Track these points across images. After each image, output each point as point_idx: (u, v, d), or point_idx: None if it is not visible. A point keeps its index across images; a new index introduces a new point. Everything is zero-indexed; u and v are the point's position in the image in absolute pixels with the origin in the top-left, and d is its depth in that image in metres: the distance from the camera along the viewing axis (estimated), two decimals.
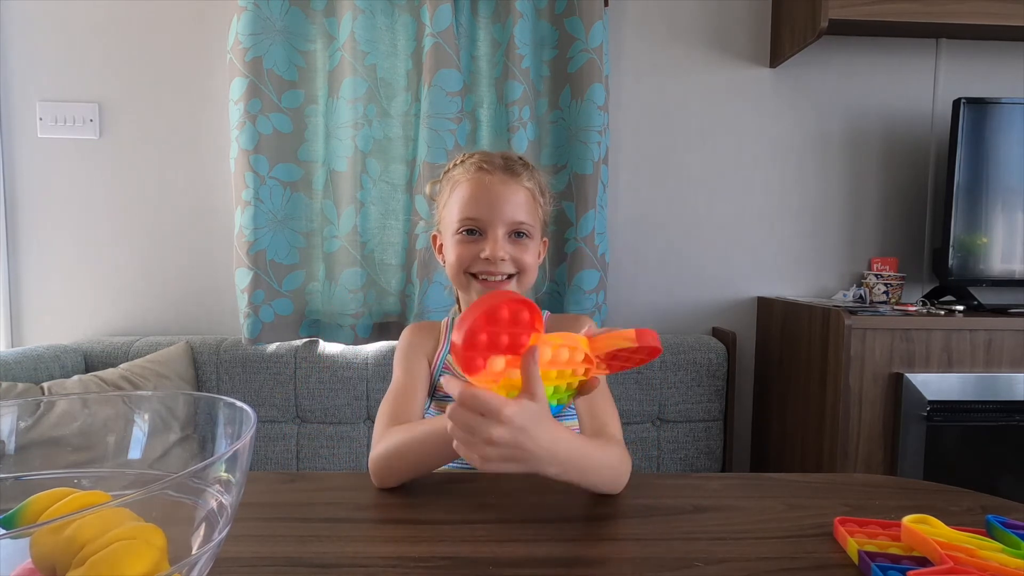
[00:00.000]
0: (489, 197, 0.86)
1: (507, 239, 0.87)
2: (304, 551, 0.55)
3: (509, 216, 0.86)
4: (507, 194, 0.86)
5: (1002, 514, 0.59)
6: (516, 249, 0.87)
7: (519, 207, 0.87)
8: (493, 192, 0.86)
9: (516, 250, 0.87)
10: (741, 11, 1.73)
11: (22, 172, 1.68)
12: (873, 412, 1.38)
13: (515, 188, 0.87)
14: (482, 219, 0.86)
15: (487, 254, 0.85)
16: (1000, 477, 1.41)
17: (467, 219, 0.86)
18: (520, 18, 1.56)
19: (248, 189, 1.54)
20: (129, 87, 1.68)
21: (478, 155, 0.91)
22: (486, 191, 0.86)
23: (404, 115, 1.62)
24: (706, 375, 1.58)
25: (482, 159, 0.89)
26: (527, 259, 0.87)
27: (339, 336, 1.60)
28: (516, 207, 0.86)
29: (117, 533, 0.37)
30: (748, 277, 1.78)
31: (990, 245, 1.57)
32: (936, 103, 1.74)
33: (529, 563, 0.53)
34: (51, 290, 1.71)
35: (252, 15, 1.51)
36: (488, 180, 0.87)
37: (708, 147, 1.76)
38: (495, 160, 0.89)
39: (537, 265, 0.91)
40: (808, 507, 0.66)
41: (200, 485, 0.43)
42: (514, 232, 0.87)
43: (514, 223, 0.86)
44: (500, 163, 0.89)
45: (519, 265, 0.87)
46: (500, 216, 0.86)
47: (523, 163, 0.91)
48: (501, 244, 0.85)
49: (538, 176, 0.92)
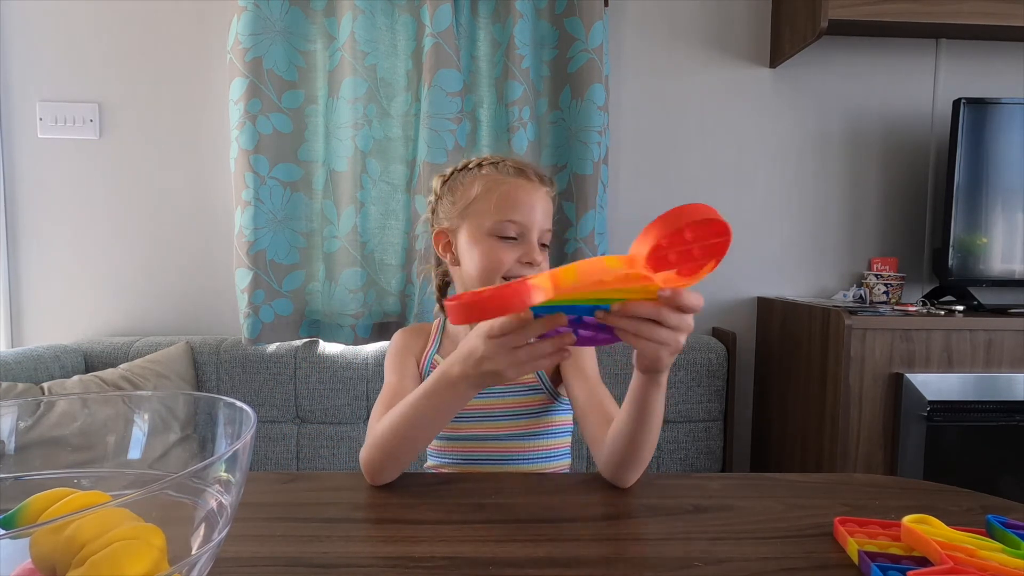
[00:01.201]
0: (531, 202, 0.86)
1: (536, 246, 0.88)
2: (304, 551, 0.55)
3: (542, 223, 0.87)
4: (543, 202, 0.88)
5: (1002, 514, 0.59)
6: (542, 255, 0.88)
7: (548, 216, 0.89)
8: (534, 197, 0.87)
9: (542, 256, 0.88)
10: (741, 11, 1.73)
11: (22, 172, 1.68)
12: (873, 412, 1.38)
13: (545, 196, 0.89)
14: (524, 223, 0.86)
15: (530, 258, 0.85)
16: (1000, 477, 1.41)
17: (510, 222, 0.85)
18: (520, 18, 1.56)
19: (248, 189, 1.54)
20: (129, 87, 1.68)
21: (510, 160, 0.91)
22: (528, 196, 0.87)
23: (404, 115, 1.62)
24: (706, 375, 1.58)
25: (517, 164, 0.90)
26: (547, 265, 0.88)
27: (339, 336, 1.60)
28: (547, 215, 0.88)
29: (117, 533, 0.37)
30: (748, 277, 1.78)
31: (990, 245, 1.57)
32: (936, 103, 1.74)
33: (529, 563, 0.53)
34: (51, 290, 1.71)
35: (252, 15, 1.51)
36: (529, 186, 0.88)
37: (708, 147, 1.76)
38: (528, 167, 0.91)
39: None
40: (808, 507, 0.66)
41: (200, 485, 0.43)
42: (541, 240, 0.88)
43: (544, 231, 0.88)
44: (532, 171, 0.90)
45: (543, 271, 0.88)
46: (537, 222, 0.87)
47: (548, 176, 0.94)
48: (537, 249, 0.86)
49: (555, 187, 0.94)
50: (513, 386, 0.91)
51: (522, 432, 0.90)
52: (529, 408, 0.91)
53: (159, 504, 0.41)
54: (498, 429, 0.90)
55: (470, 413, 0.90)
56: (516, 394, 0.91)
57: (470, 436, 0.91)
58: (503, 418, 0.90)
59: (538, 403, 0.91)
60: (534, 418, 0.91)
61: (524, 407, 0.91)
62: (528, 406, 0.91)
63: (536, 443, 0.91)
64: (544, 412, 0.91)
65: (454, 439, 0.92)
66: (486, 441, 0.90)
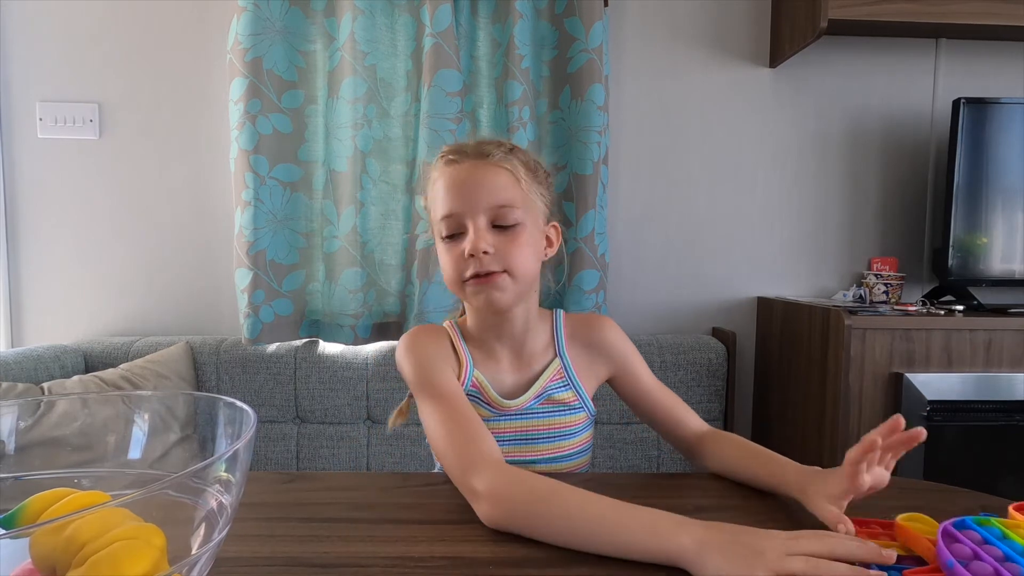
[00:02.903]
0: (466, 183, 0.76)
1: (491, 230, 0.76)
2: (304, 551, 0.55)
3: (487, 201, 0.75)
4: (480, 178, 0.76)
5: (1001, 514, 0.59)
6: (503, 240, 0.75)
7: (497, 189, 0.76)
8: (472, 177, 0.76)
9: (503, 241, 0.75)
10: (741, 11, 1.73)
11: (22, 172, 1.68)
12: (873, 412, 1.37)
13: (490, 170, 0.76)
14: (458, 212, 0.76)
15: (468, 248, 0.74)
16: (1000, 477, 1.41)
17: (444, 217, 0.77)
18: (520, 18, 1.56)
19: (248, 189, 1.54)
20: (129, 87, 1.68)
21: (448, 147, 0.81)
22: (458, 181, 0.76)
23: (404, 115, 1.62)
24: (706, 375, 1.58)
25: (451, 150, 0.80)
26: (517, 251, 0.75)
27: (339, 336, 1.60)
28: (494, 190, 0.75)
29: (117, 533, 0.37)
30: (748, 277, 1.78)
31: (990, 245, 1.57)
32: (936, 103, 1.74)
33: (529, 563, 0.53)
34: (51, 290, 1.71)
35: (252, 15, 1.51)
36: (458, 169, 0.77)
37: (708, 147, 1.76)
38: (465, 147, 0.79)
39: (538, 258, 0.80)
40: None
41: (200, 485, 0.43)
42: (498, 221, 0.76)
43: (494, 207, 0.75)
44: (471, 148, 0.79)
45: (507, 259, 0.75)
46: (476, 203, 0.75)
47: (499, 144, 0.80)
48: (483, 235, 0.74)
49: (521, 155, 0.81)
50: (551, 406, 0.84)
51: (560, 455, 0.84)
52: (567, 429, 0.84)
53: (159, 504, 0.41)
54: (530, 453, 0.83)
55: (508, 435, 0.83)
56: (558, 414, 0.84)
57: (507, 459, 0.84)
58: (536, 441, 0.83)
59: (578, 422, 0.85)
60: (570, 439, 0.84)
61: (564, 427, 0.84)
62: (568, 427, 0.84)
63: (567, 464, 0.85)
64: (581, 430, 0.86)
65: None
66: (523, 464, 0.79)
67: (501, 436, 0.81)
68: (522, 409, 0.83)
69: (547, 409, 0.84)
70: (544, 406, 0.84)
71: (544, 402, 0.84)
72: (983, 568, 0.45)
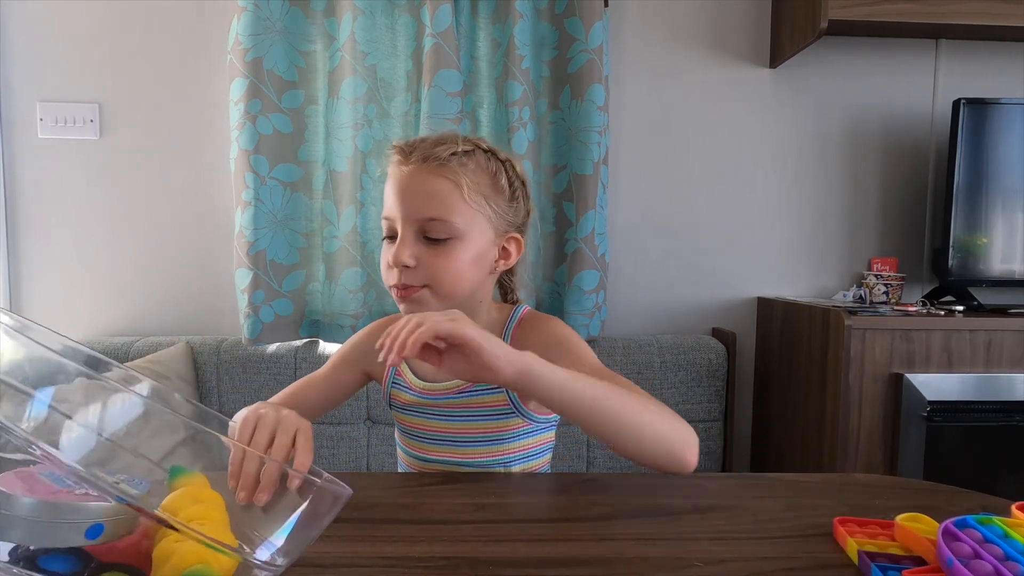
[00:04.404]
0: (398, 191, 0.73)
1: (419, 241, 0.72)
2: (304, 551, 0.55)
3: (417, 212, 0.72)
4: (416, 186, 0.72)
5: (1002, 514, 0.59)
6: (431, 253, 0.72)
7: (431, 200, 0.71)
8: (404, 185, 0.73)
9: (430, 254, 0.72)
10: (741, 11, 1.73)
11: (22, 172, 1.68)
12: (873, 412, 1.38)
13: (428, 179, 0.72)
14: (391, 217, 0.74)
15: (390, 259, 0.72)
16: (1000, 477, 1.41)
17: (384, 218, 0.75)
18: (520, 18, 1.56)
19: (248, 189, 1.54)
20: (129, 87, 1.68)
21: (401, 143, 0.76)
22: (397, 185, 0.74)
23: (404, 115, 1.62)
24: (706, 375, 1.58)
25: (401, 147, 0.75)
26: (445, 267, 0.72)
27: (339, 336, 1.60)
28: (427, 200, 0.72)
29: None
30: (748, 277, 1.78)
31: (990, 245, 1.57)
32: (936, 103, 1.74)
33: (529, 563, 0.53)
34: (51, 290, 1.71)
35: (252, 15, 1.51)
36: (400, 171, 0.74)
37: (708, 147, 1.76)
38: (415, 146, 0.75)
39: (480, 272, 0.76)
40: (808, 507, 0.66)
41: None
42: (428, 233, 0.72)
43: (424, 219, 0.71)
44: (421, 149, 0.74)
45: (432, 274, 0.72)
46: (407, 212, 0.72)
47: (453, 146, 0.74)
48: (408, 247, 0.71)
49: (482, 160, 0.75)
50: (481, 409, 0.81)
51: (495, 460, 0.82)
52: (498, 434, 0.82)
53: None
54: (466, 456, 0.82)
55: (437, 436, 0.83)
56: (485, 419, 0.81)
57: (440, 460, 0.83)
58: (471, 444, 0.82)
59: (512, 428, 0.82)
60: (505, 443, 0.82)
61: (493, 432, 0.81)
62: (498, 432, 0.81)
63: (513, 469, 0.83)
64: (519, 436, 0.82)
65: (426, 460, 0.84)
66: (457, 466, 0.82)
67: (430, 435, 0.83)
68: (438, 396, 0.82)
69: (469, 413, 0.81)
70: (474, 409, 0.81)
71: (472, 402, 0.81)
72: (983, 567, 0.45)
